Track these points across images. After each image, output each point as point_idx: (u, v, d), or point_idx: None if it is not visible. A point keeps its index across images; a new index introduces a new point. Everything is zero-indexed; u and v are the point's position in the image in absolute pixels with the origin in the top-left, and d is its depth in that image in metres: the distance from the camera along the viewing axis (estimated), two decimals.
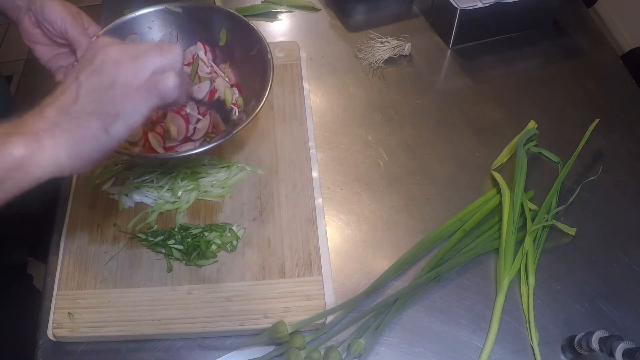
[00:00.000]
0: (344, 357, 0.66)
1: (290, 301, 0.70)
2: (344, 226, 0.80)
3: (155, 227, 0.77)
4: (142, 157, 0.80)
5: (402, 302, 0.71)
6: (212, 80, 0.81)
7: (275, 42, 1.03)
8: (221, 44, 0.85)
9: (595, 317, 0.71)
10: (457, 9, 0.97)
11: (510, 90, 0.98)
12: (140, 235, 0.75)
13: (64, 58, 0.76)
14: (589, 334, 0.63)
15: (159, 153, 0.77)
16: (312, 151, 0.85)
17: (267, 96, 0.74)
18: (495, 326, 0.69)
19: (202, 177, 0.81)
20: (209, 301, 0.70)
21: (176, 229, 0.76)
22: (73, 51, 0.74)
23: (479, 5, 0.98)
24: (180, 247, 0.74)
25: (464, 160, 0.87)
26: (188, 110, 0.76)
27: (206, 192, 0.80)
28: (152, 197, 0.79)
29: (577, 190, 0.82)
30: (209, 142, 0.72)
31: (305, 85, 0.94)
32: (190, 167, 0.81)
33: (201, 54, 0.83)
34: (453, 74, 1.01)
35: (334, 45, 1.05)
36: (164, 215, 0.79)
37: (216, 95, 0.80)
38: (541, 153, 0.88)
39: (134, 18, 0.81)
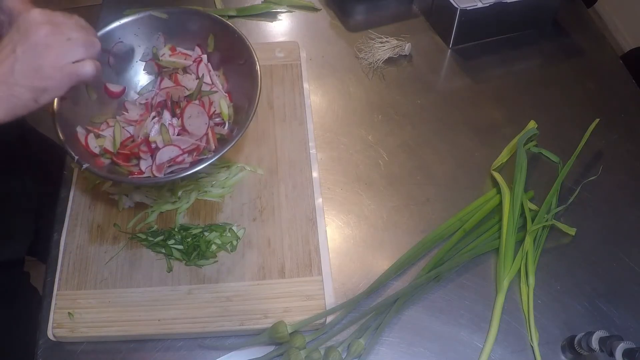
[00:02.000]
0: (344, 357, 0.66)
1: (290, 301, 0.70)
2: (344, 226, 0.80)
3: (155, 227, 0.77)
4: (137, 182, 0.76)
5: (402, 302, 0.71)
6: (210, 93, 0.80)
7: (275, 42, 1.03)
8: (209, 50, 0.83)
9: (595, 317, 0.71)
10: (457, 9, 0.97)
11: (510, 90, 0.98)
12: (140, 235, 0.75)
13: None
14: (589, 334, 0.63)
15: (150, 177, 0.73)
16: (312, 151, 0.85)
17: (256, 109, 0.73)
18: (495, 326, 0.69)
19: (202, 177, 0.81)
20: (209, 301, 0.70)
21: (176, 229, 0.76)
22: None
23: (479, 5, 0.98)
24: (180, 247, 0.74)
25: (464, 160, 0.87)
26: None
27: (206, 192, 0.80)
28: (152, 197, 0.79)
29: (577, 190, 0.82)
30: (199, 162, 0.70)
31: (305, 85, 0.94)
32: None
33: (204, 68, 0.82)
34: (453, 74, 1.01)
35: (334, 45, 1.05)
36: (164, 215, 0.79)
37: (212, 109, 0.78)
38: (541, 153, 0.88)
39: (119, 26, 0.79)
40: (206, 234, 0.75)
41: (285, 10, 1.11)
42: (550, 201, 0.79)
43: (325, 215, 0.79)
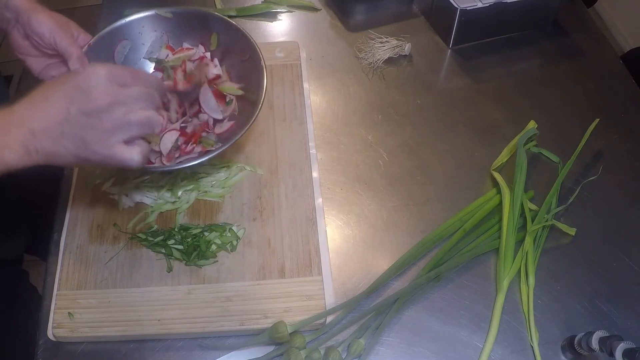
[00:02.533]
0: (344, 357, 0.66)
1: (290, 301, 0.70)
2: (344, 226, 0.80)
3: (155, 227, 0.77)
4: (144, 170, 0.77)
5: (402, 302, 0.71)
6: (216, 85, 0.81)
7: (275, 42, 1.03)
8: (212, 48, 0.84)
9: (595, 317, 0.71)
10: (457, 9, 0.97)
11: (510, 90, 0.98)
12: (140, 235, 0.75)
13: (55, 68, 0.76)
14: (589, 334, 0.63)
15: (153, 164, 0.74)
16: (312, 151, 0.85)
17: (262, 104, 0.74)
18: (495, 326, 0.69)
19: (202, 177, 0.81)
20: (209, 301, 0.70)
21: (176, 229, 0.76)
22: (64, 61, 0.74)
23: (479, 5, 0.98)
24: (180, 247, 0.74)
25: (464, 160, 0.87)
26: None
27: (206, 192, 0.80)
28: (152, 197, 0.79)
29: (577, 190, 0.82)
30: (203, 155, 0.72)
31: (305, 85, 0.94)
32: (190, 168, 0.81)
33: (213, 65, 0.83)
34: (453, 74, 1.01)
35: (334, 45, 1.05)
36: (164, 215, 0.79)
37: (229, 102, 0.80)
38: (541, 153, 0.88)
39: (124, 24, 0.80)
40: (206, 234, 0.75)
41: (285, 10, 1.11)
42: (550, 201, 0.79)
43: (325, 215, 0.79)
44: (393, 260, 0.75)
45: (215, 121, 0.80)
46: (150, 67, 0.85)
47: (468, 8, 0.97)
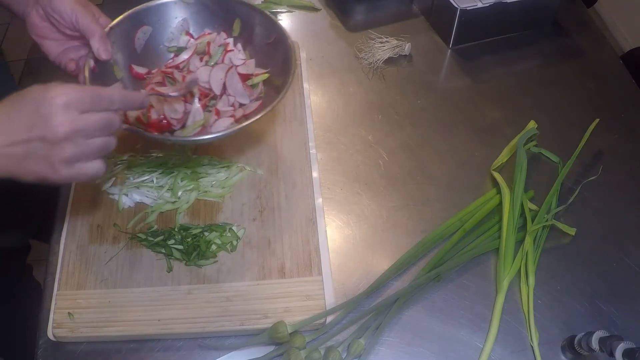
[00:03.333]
0: (344, 357, 0.66)
1: (290, 301, 0.70)
2: (344, 226, 0.80)
3: (155, 227, 0.77)
4: (167, 140, 0.76)
5: (402, 302, 0.71)
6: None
7: None
8: (234, 34, 0.84)
9: (595, 317, 0.71)
10: (457, 9, 0.97)
11: (510, 90, 0.98)
12: (140, 235, 0.75)
13: (73, 51, 0.75)
14: (589, 334, 0.63)
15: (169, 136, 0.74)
16: (312, 151, 0.85)
17: (293, 77, 0.73)
18: (495, 326, 0.69)
19: (202, 177, 0.81)
20: (209, 301, 0.70)
21: (176, 229, 0.76)
22: (84, 43, 0.73)
23: (479, 5, 0.98)
24: (180, 247, 0.74)
25: (464, 160, 0.87)
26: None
27: (206, 192, 0.80)
28: (152, 197, 0.79)
29: (577, 190, 0.82)
30: (229, 129, 0.72)
31: (305, 85, 0.94)
32: (190, 167, 0.81)
33: (235, 50, 0.83)
34: (453, 74, 1.01)
35: (334, 45, 1.05)
36: (164, 215, 0.79)
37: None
38: (541, 153, 0.88)
39: (145, 9, 0.80)
40: (206, 234, 0.75)
41: (285, 10, 1.11)
42: (550, 201, 0.79)
43: (325, 215, 0.79)
44: (393, 260, 0.75)
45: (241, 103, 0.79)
46: (169, 56, 0.84)
47: (468, 8, 0.97)
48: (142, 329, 0.69)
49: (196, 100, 0.75)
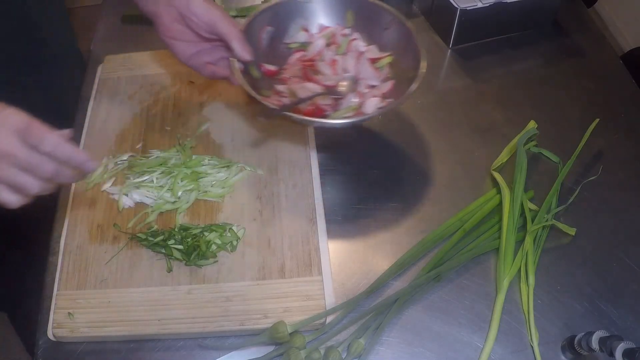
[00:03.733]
0: (344, 357, 0.66)
1: (290, 301, 0.70)
2: (344, 226, 0.80)
3: (155, 227, 0.77)
4: (311, 122, 0.80)
5: (402, 302, 0.71)
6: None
7: None
8: (349, 25, 0.89)
9: (595, 317, 0.71)
10: (457, 9, 0.97)
11: (510, 90, 0.98)
12: (140, 235, 0.75)
13: (206, 54, 0.76)
14: (589, 334, 0.63)
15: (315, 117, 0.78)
16: (312, 151, 0.85)
17: (423, 60, 0.77)
18: (495, 326, 0.69)
19: (202, 177, 0.81)
20: (209, 301, 0.70)
21: (176, 229, 0.76)
22: (216, 45, 0.75)
23: (479, 5, 0.98)
24: (180, 247, 0.74)
25: (464, 160, 0.87)
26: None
27: (206, 192, 0.80)
28: (152, 197, 0.79)
29: (577, 190, 0.82)
30: (380, 109, 0.78)
31: None
32: (190, 167, 0.81)
33: (358, 44, 0.88)
34: (453, 74, 1.01)
35: None
36: (164, 215, 0.79)
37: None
38: (541, 153, 0.88)
39: (267, 10, 0.85)
40: (206, 234, 0.75)
41: None
42: (550, 201, 0.79)
43: (325, 215, 0.79)
44: (393, 260, 0.75)
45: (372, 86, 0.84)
46: (295, 55, 0.88)
47: (468, 8, 0.97)
48: (142, 329, 0.69)
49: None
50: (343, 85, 0.82)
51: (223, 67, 0.79)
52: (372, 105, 0.80)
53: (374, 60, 0.86)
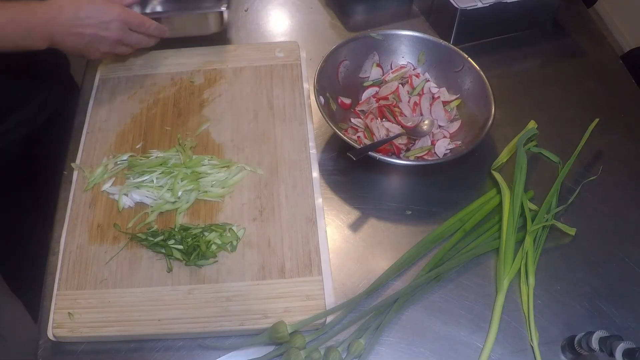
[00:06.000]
0: (344, 357, 0.66)
1: (290, 301, 0.70)
2: (344, 226, 0.80)
3: (155, 227, 0.77)
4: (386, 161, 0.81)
5: (402, 302, 0.71)
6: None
7: (275, 42, 1.03)
8: (420, 65, 0.95)
9: (595, 317, 0.71)
10: (457, 9, 0.97)
11: (510, 90, 0.98)
12: (140, 235, 0.75)
13: None
14: (589, 334, 0.63)
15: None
16: (312, 151, 0.85)
17: (495, 109, 0.83)
18: (495, 326, 0.69)
19: (202, 177, 0.81)
20: (209, 301, 0.70)
21: (176, 229, 0.76)
22: None
23: (479, 5, 0.98)
24: (180, 247, 0.74)
25: (464, 160, 0.87)
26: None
27: (206, 192, 0.80)
28: (152, 197, 0.79)
29: (577, 190, 0.82)
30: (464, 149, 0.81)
31: (305, 85, 0.94)
32: (190, 167, 0.81)
33: (431, 85, 0.94)
34: None
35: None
36: (164, 215, 0.79)
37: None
38: (541, 153, 0.88)
39: (345, 45, 0.91)
40: (206, 234, 0.75)
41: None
42: (550, 201, 0.79)
43: (325, 215, 0.79)
44: (393, 260, 0.75)
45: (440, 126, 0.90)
46: (368, 91, 0.94)
47: (468, 8, 0.97)
48: (142, 329, 0.69)
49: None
50: (425, 125, 0.87)
51: None
52: (443, 145, 0.85)
53: (445, 103, 0.91)
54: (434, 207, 0.82)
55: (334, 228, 0.79)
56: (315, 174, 0.83)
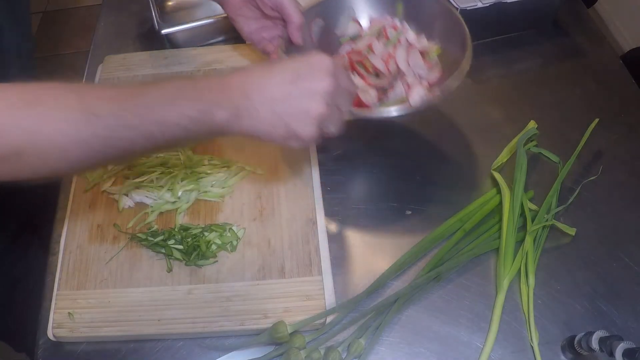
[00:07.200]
0: (344, 357, 0.66)
1: (290, 301, 0.70)
2: (343, 226, 0.80)
3: (155, 227, 0.77)
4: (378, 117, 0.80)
5: (402, 302, 0.71)
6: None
7: None
8: (398, 16, 0.90)
9: (595, 317, 0.71)
10: (457, 9, 0.97)
11: (510, 90, 0.98)
12: (140, 235, 0.75)
13: (267, 31, 0.82)
14: (589, 334, 0.63)
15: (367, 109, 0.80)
16: (312, 151, 0.85)
17: (470, 50, 0.79)
18: (495, 326, 0.69)
19: (202, 177, 0.81)
20: (209, 301, 0.70)
21: (176, 229, 0.76)
22: (276, 24, 0.80)
23: (479, 5, 0.98)
24: (180, 247, 0.74)
25: (464, 160, 0.87)
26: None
27: (206, 192, 0.80)
28: (152, 197, 0.79)
29: (577, 190, 0.82)
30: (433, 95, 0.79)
31: None
32: (190, 167, 0.81)
33: (410, 36, 0.88)
34: None
35: None
36: (164, 215, 0.79)
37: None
38: (541, 153, 0.88)
39: (318, 4, 0.87)
40: (206, 234, 0.75)
41: None
42: (550, 201, 0.79)
43: (325, 215, 0.79)
44: (393, 260, 0.75)
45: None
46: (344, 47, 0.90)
47: (468, 8, 0.97)
48: (142, 329, 0.69)
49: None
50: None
51: (274, 44, 0.83)
52: (418, 94, 0.81)
53: (423, 52, 0.87)
54: (434, 207, 0.82)
55: (334, 228, 0.79)
56: (315, 173, 0.83)
